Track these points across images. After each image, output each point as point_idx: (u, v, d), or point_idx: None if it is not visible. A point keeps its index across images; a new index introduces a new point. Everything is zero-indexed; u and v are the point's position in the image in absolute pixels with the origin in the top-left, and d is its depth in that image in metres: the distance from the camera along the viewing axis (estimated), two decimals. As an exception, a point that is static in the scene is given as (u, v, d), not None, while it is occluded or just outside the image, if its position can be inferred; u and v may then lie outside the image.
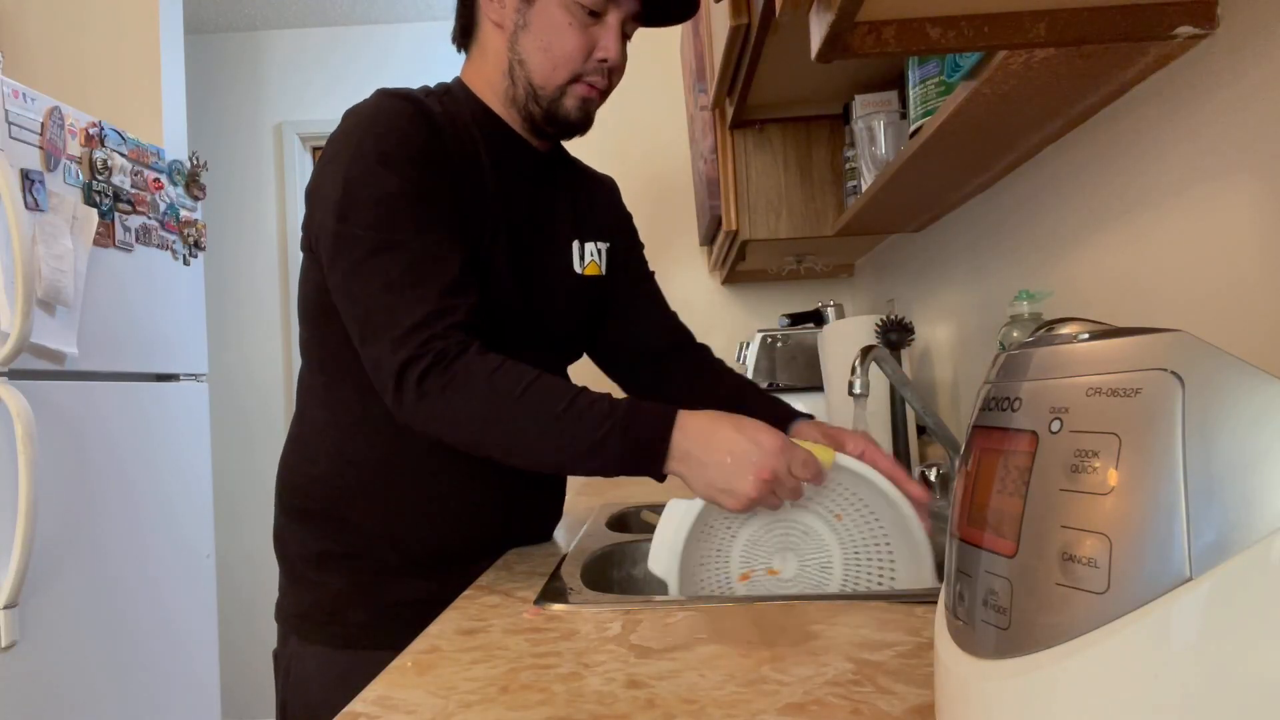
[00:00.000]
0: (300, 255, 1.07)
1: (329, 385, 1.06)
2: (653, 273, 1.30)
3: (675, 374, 1.24)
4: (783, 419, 1.08)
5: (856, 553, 0.95)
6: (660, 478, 0.89)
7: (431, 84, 1.10)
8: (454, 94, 1.07)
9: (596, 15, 1.01)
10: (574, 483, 1.52)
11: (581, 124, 1.06)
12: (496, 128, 1.06)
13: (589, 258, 1.15)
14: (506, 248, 1.04)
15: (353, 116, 0.99)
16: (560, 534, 1.26)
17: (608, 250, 1.19)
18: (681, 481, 0.89)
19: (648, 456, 0.86)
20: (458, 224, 0.97)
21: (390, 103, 0.98)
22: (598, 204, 1.21)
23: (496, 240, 1.03)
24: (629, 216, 1.29)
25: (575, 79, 1.02)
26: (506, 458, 0.90)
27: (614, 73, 1.04)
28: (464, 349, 0.89)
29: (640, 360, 1.26)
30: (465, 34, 1.10)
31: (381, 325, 0.90)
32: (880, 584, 0.94)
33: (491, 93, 1.07)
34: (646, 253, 1.31)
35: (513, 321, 1.05)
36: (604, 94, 1.06)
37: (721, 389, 1.20)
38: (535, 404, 0.86)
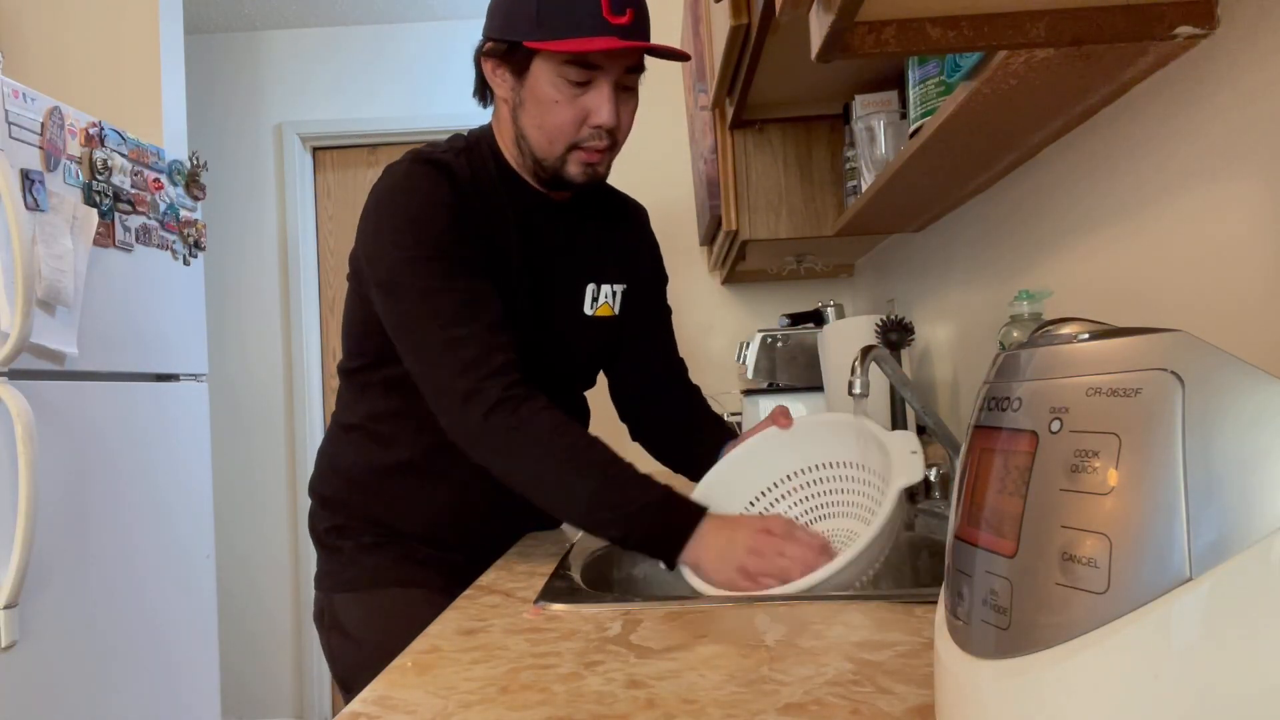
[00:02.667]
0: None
1: (355, 398, 1.20)
2: (669, 310, 1.35)
3: (667, 416, 1.33)
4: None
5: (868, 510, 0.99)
6: (671, 567, 0.97)
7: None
8: (480, 148, 1.14)
9: (585, 84, 1.03)
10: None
11: (590, 183, 1.11)
12: (514, 183, 1.14)
13: (602, 300, 1.22)
14: (516, 295, 1.12)
15: (388, 180, 1.07)
16: (561, 531, 1.27)
17: (624, 292, 1.25)
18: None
19: (662, 552, 0.95)
20: (487, 275, 1.07)
21: (421, 169, 1.06)
22: (621, 242, 1.27)
23: (506, 290, 1.11)
24: (655, 249, 1.34)
25: (573, 147, 1.07)
26: (538, 501, 1.00)
27: (616, 130, 1.07)
28: (528, 396, 0.99)
29: (637, 395, 1.34)
30: (483, 97, 1.16)
31: (443, 355, 1.00)
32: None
33: (508, 153, 1.14)
34: None
35: (523, 361, 1.13)
36: (608, 152, 1.09)
37: (695, 435, 1.29)
38: (584, 470, 0.96)
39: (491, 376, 0.98)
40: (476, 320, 1.01)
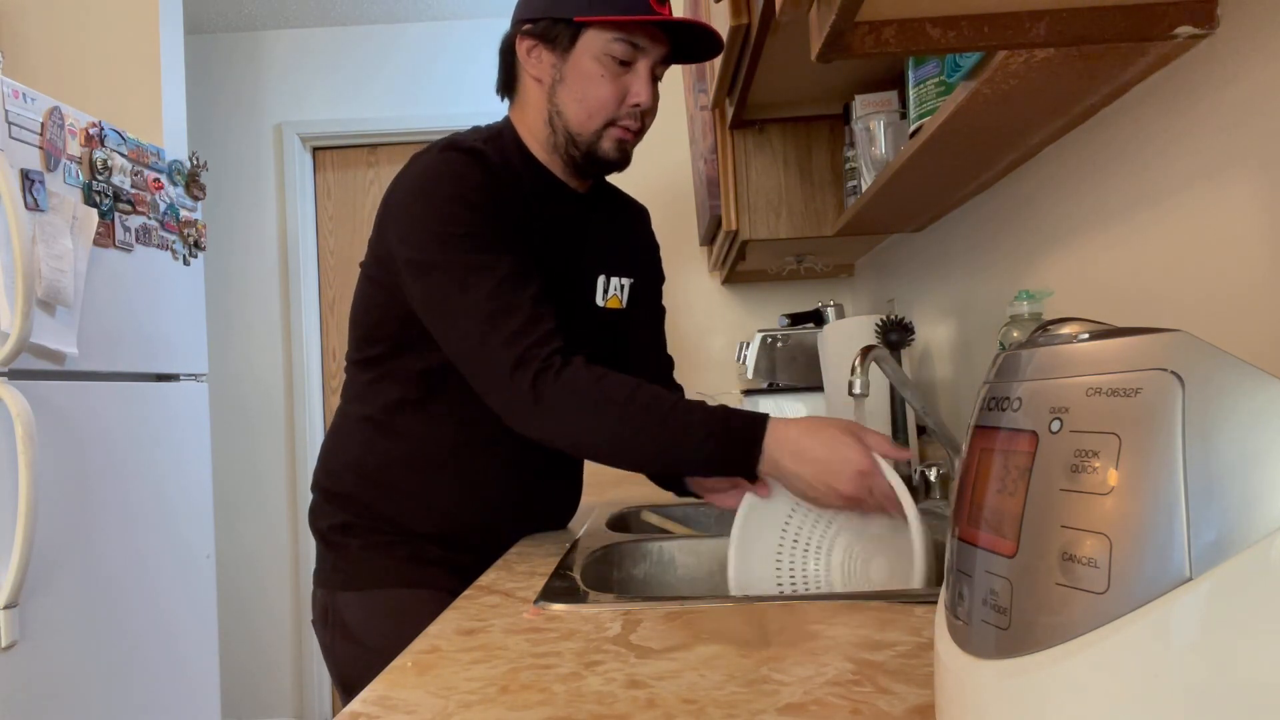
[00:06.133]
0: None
1: (367, 389, 1.18)
2: (664, 310, 1.38)
3: None
4: None
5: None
6: (753, 479, 1.00)
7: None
8: (503, 139, 1.16)
9: (627, 64, 1.09)
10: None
11: (619, 163, 1.15)
12: (537, 171, 1.16)
13: (612, 291, 1.24)
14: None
15: (421, 164, 1.09)
16: (565, 531, 1.27)
17: (631, 285, 1.28)
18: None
19: (741, 462, 0.97)
20: (525, 253, 1.08)
21: (455, 153, 1.08)
22: (629, 238, 1.30)
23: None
24: (656, 248, 1.37)
25: (610, 124, 1.11)
26: (611, 459, 1.01)
27: (646, 114, 1.13)
28: (570, 359, 1.00)
29: None
30: (508, 87, 1.19)
31: (486, 335, 1.00)
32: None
33: (534, 139, 1.16)
34: None
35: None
36: (638, 134, 1.14)
37: None
38: (640, 411, 0.97)
39: (537, 344, 1.00)
40: (519, 293, 1.02)
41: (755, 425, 0.97)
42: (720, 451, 0.97)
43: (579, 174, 1.18)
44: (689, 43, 1.13)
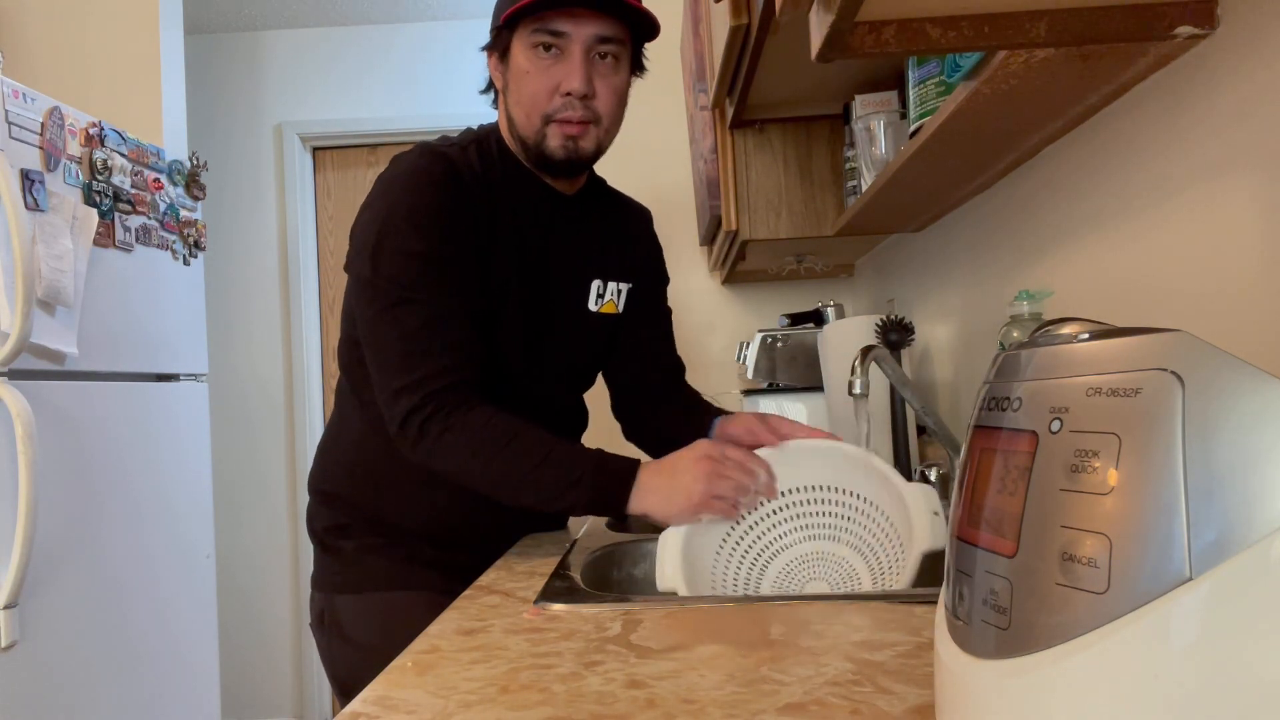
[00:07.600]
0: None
1: (358, 392, 1.18)
2: (670, 311, 1.37)
3: (661, 412, 1.35)
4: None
5: (874, 551, 0.98)
6: (622, 519, 1.06)
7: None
8: (489, 141, 1.15)
9: (558, 53, 1.05)
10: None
11: (567, 161, 1.10)
12: (520, 176, 1.15)
13: (608, 296, 1.24)
14: (520, 290, 1.13)
15: (395, 169, 1.09)
16: (564, 531, 1.27)
17: (629, 290, 1.27)
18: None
19: (609, 507, 1.01)
20: (473, 283, 1.08)
21: (428, 162, 1.07)
22: (628, 242, 1.28)
23: (510, 284, 1.12)
24: (658, 251, 1.36)
25: (549, 120, 1.08)
26: (492, 496, 1.03)
27: (591, 100, 1.07)
28: (462, 403, 1.02)
29: (634, 393, 1.35)
30: (494, 94, 1.18)
31: (395, 373, 1.03)
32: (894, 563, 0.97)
33: (511, 146, 1.15)
34: None
35: (524, 357, 1.15)
36: (588, 124, 1.08)
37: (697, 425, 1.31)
38: (515, 457, 1.00)
39: (438, 391, 1.02)
40: (437, 337, 1.03)
41: (626, 472, 1.00)
42: (587, 498, 1.00)
43: (551, 175, 1.15)
44: (628, 12, 1.05)
